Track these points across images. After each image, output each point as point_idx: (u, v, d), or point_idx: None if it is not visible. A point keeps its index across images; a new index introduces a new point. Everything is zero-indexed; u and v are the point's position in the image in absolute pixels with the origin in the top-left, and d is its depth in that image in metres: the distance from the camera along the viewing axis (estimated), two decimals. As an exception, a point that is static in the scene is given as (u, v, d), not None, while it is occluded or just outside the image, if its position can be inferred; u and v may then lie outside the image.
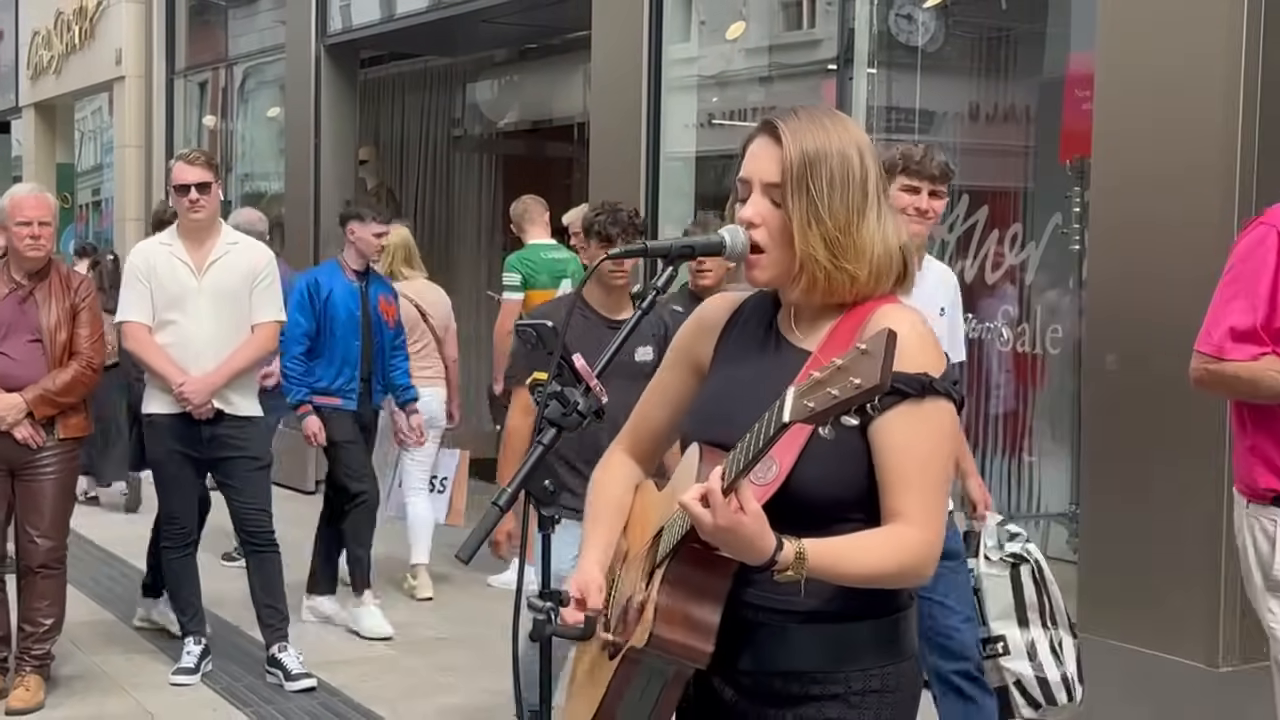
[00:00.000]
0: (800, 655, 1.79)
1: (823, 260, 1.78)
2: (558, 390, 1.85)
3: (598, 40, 6.58)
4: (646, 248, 1.91)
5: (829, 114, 1.86)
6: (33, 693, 4.56)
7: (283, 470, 6.93)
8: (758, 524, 1.63)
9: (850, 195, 1.79)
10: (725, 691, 1.84)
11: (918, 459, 1.74)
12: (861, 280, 1.81)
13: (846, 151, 1.80)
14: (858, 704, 1.78)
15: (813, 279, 1.80)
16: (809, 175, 1.78)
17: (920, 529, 1.74)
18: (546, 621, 1.82)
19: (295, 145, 9.27)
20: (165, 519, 4.97)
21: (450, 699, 4.77)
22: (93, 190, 13.70)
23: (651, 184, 6.28)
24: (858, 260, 1.80)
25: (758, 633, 1.79)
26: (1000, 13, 5.66)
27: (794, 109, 1.85)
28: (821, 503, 1.76)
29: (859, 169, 1.80)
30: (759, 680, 1.81)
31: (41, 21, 13.47)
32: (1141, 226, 4.23)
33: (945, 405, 1.77)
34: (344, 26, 8.93)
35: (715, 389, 1.92)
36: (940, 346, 1.82)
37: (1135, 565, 4.22)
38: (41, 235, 4.55)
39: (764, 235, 1.81)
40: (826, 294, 1.82)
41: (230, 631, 5.42)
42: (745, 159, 1.85)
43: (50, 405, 4.51)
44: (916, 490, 1.74)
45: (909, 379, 1.72)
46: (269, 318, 4.87)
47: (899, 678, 1.82)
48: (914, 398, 1.73)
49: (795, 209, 1.78)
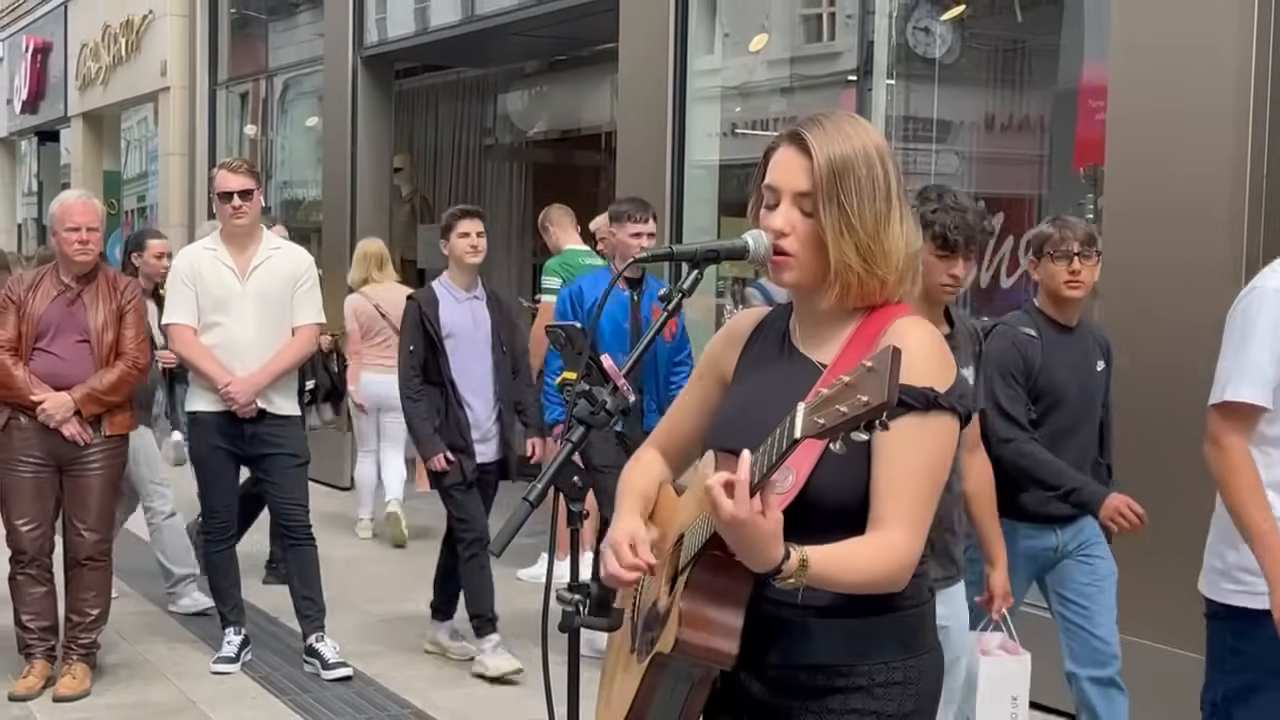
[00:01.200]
0: (824, 649, 1.81)
1: (856, 268, 1.80)
2: (586, 389, 1.86)
3: (625, 52, 6.65)
4: (673, 251, 1.91)
5: (849, 120, 1.87)
6: (79, 680, 4.65)
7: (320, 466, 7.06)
8: (773, 527, 1.64)
9: (877, 202, 1.81)
10: (752, 685, 1.86)
11: (913, 470, 1.76)
12: (891, 284, 1.83)
13: (871, 158, 1.82)
14: (880, 695, 1.81)
15: (846, 285, 1.82)
16: (839, 186, 1.80)
17: (905, 537, 1.76)
18: (575, 613, 1.85)
19: (332, 153, 9.36)
20: (207, 513, 5.04)
21: (479, 688, 4.84)
22: (138, 197, 13.83)
23: (676, 191, 6.35)
24: (887, 265, 1.82)
25: (782, 628, 1.81)
26: (1016, 25, 5.68)
27: (817, 118, 1.86)
28: (832, 508, 1.78)
29: (882, 175, 1.82)
30: (784, 674, 1.83)
31: (90, 34, 13.63)
32: (1153, 231, 4.29)
33: (948, 420, 1.78)
34: (380, 39, 9.03)
35: (732, 400, 1.96)
36: (950, 359, 1.84)
37: (1148, 563, 4.25)
38: (90, 240, 4.63)
39: (794, 243, 1.83)
40: (859, 299, 1.84)
41: (269, 622, 5.52)
42: (771, 167, 1.86)
43: (97, 403, 4.59)
44: (908, 499, 1.76)
45: (914, 392, 1.74)
46: (309, 320, 4.98)
47: (920, 670, 1.84)
48: (918, 410, 1.75)
49: (828, 219, 1.80)
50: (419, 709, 4.63)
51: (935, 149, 5.83)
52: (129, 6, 12.60)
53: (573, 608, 1.84)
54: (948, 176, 5.80)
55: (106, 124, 14.35)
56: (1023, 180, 5.67)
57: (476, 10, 8.09)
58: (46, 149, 16.47)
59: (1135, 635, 4.28)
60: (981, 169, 5.79)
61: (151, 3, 12.13)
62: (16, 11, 16.74)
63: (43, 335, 4.61)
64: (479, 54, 9.18)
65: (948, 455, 1.80)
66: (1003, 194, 5.57)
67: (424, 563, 6.79)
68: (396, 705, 4.66)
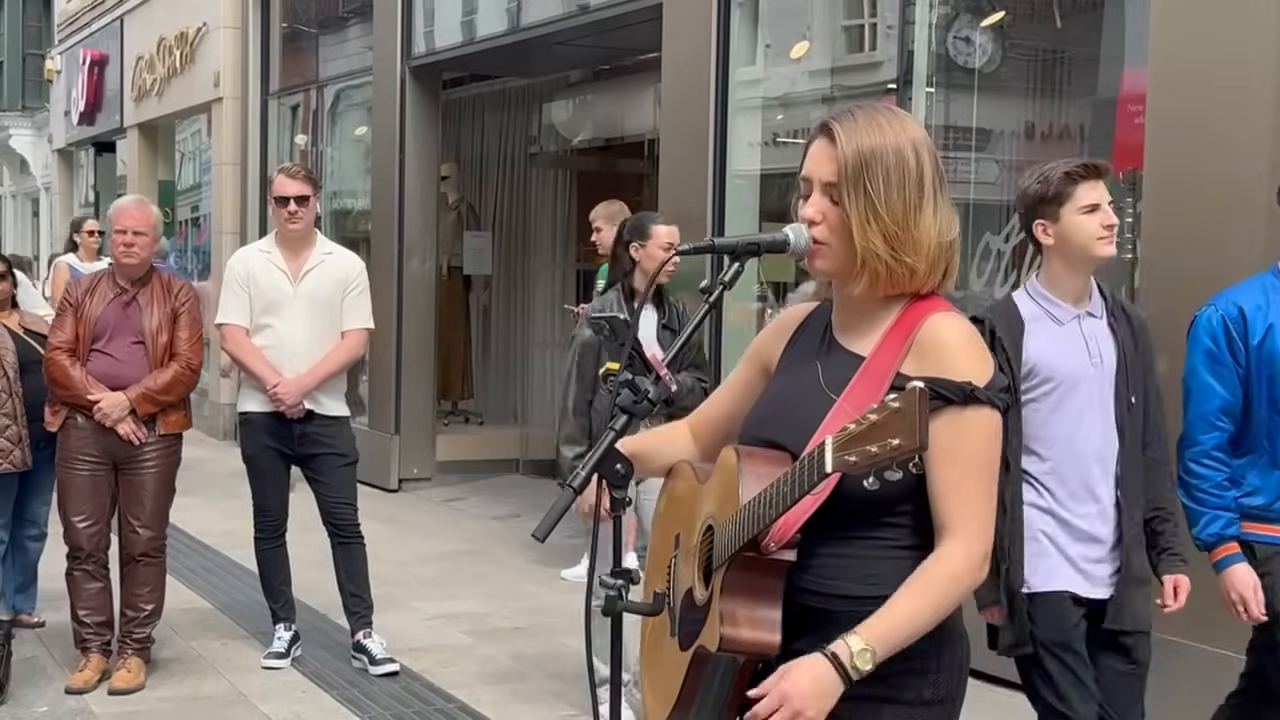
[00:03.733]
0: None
1: (883, 255, 1.80)
2: (629, 378, 1.89)
3: (667, 62, 6.69)
4: (714, 244, 1.91)
5: (887, 113, 1.87)
6: (134, 674, 4.74)
7: (367, 468, 7.14)
8: (798, 693, 1.73)
9: (907, 191, 1.81)
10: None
11: (960, 466, 1.77)
12: (921, 273, 1.83)
13: (902, 149, 1.82)
14: (901, 684, 1.82)
15: (874, 274, 1.82)
16: (865, 174, 1.80)
17: (965, 540, 1.78)
18: (618, 598, 1.87)
19: (381, 162, 9.46)
20: (257, 511, 5.12)
21: (523, 685, 4.90)
22: (192, 207, 13.96)
23: (718, 199, 6.37)
24: (916, 253, 1.81)
25: (810, 616, 1.84)
26: (1055, 34, 5.68)
27: (851, 110, 1.87)
28: (869, 504, 1.79)
29: (914, 165, 1.81)
30: None
31: (145, 47, 13.82)
32: (1191, 234, 4.31)
33: (988, 413, 1.79)
34: (427, 50, 9.12)
35: (770, 392, 1.98)
36: (989, 354, 1.85)
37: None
38: (135, 244, 4.67)
39: (825, 232, 1.84)
40: (889, 286, 1.84)
41: (319, 619, 5.61)
42: (805, 159, 1.88)
43: (151, 403, 4.67)
44: (963, 499, 1.78)
45: (952, 386, 1.76)
46: (358, 324, 5.06)
47: (942, 659, 1.85)
48: (956, 405, 1.77)
49: (853, 206, 1.81)
50: (464, 703, 4.70)
51: (975, 157, 5.86)
52: (183, 19, 12.80)
53: (615, 593, 1.87)
54: (988, 185, 5.83)
55: (161, 135, 14.53)
56: (1062, 187, 5.66)
57: (522, 21, 8.17)
58: (103, 160, 16.73)
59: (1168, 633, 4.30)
60: (1021, 177, 5.80)
61: (205, 15, 12.32)
62: (74, 25, 17.09)
63: (99, 337, 4.70)
64: (524, 64, 9.26)
65: (992, 446, 1.81)
66: (1042, 201, 5.56)
67: (469, 561, 6.95)
68: (442, 700, 4.73)
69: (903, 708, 1.83)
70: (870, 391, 1.80)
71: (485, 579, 6.57)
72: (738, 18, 6.45)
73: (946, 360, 1.79)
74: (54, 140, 19.02)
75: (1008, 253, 5.43)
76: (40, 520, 5.48)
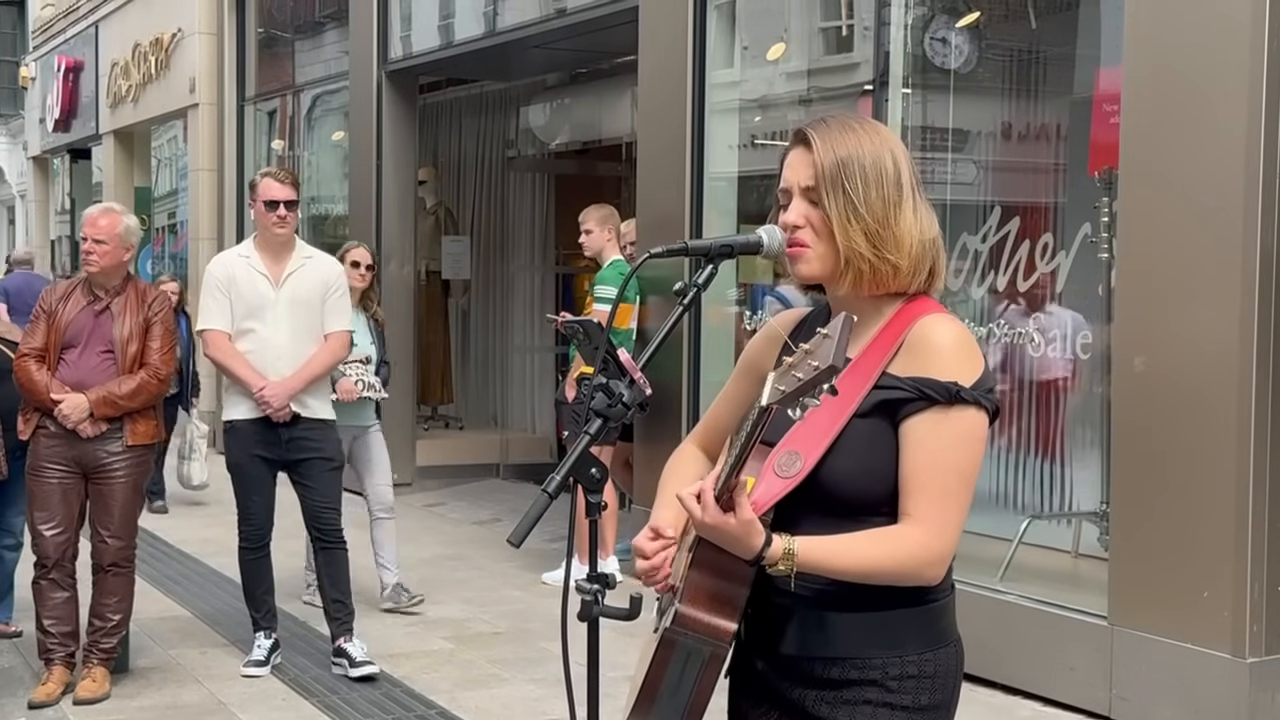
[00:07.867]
0: (839, 641, 1.82)
1: (866, 253, 1.81)
2: (603, 382, 1.87)
3: (644, 64, 6.70)
4: (688, 246, 1.92)
5: (860, 121, 1.89)
6: (99, 684, 4.68)
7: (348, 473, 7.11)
8: (743, 527, 1.69)
9: (885, 190, 1.82)
10: (770, 675, 1.88)
11: (934, 463, 1.76)
12: (904, 270, 1.83)
13: (878, 151, 1.83)
14: (895, 689, 1.81)
15: (858, 273, 1.83)
16: (843, 174, 1.81)
17: (924, 531, 1.76)
18: (594, 602, 1.85)
19: (358, 167, 9.45)
20: (242, 520, 5.08)
21: (503, 689, 4.89)
22: (168, 214, 13.93)
23: (696, 202, 6.37)
24: (899, 251, 1.82)
25: (798, 620, 1.83)
26: (1031, 34, 5.70)
27: (824, 118, 1.89)
28: (850, 495, 1.79)
29: (891, 166, 1.83)
30: (799, 664, 1.84)
31: (120, 53, 13.80)
32: (1167, 234, 4.33)
33: (973, 414, 1.78)
34: (404, 54, 9.12)
35: None
36: (979, 355, 1.84)
37: (1163, 560, 4.29)
38: (94, 252, 4.62)
39: (809, 235, 1.84)
40: (873, 286, 1.84)
41: (299, 626, 5.59)
42: (783, 170, 1.89)
43: (112, 407, 4.59)
44: (928, 493, 1.76)
45: (937, 386, 1.76)
46: (340, 327, 5.07)
47: (937, 664, 1.83)
48: (941, 404, 1.76)
49: (833, 207, 1.82)
50: (444, 709, 4.69)
51: (952, 158, 5.88)
52: (158, 25, 12.77)
53: (591, 597, 1.84)
54: (965, 185, 5.85)
55: (137, 141, 14.50)
56: (1039, 187, 5.71)
57: (498, 25, 8.17)
58: (79, 167, 16.68)
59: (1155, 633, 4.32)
60: (997, 177, 5.83)
61: (180, 21, 12.29)
62: (48, 32, 17.00)
63: (70, 344, 4.67)
64: (501, 68, 9.26)
65: (971, 449, 1.79)
66: (1019, 201, 5.60)
67: (449, 567, 6.92)
68: (423, 706, 4.71)
69: (899, 712, 1.82)
70: (856, 390, 1.80)
71: (466, 584, 6.56)
72: (715, 20, 6.46)
73: (934, 360, 1.79)
74: (29, 147, 18.95)
75: (985, 253, 5.45)
76: (16, 530, 5.43)
